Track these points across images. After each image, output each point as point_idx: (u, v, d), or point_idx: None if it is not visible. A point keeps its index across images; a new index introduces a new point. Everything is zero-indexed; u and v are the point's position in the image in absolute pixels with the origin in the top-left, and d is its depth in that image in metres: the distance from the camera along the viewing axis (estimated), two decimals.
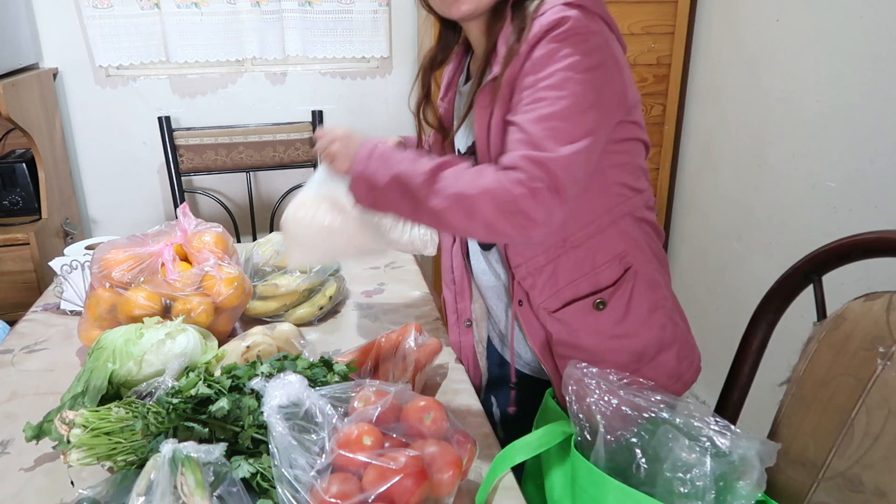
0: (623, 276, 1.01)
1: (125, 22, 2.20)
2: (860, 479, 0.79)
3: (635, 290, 1.02)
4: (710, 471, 0.75)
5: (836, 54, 1.68)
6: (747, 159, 2.06)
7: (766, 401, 1.01)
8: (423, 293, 1.49)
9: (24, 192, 2.08)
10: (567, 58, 0.85)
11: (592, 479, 0.77)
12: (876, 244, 0.85)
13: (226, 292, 1.21)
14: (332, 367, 0.97)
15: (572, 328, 1.02)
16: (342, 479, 0.74)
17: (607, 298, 1.01)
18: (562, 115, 0.84)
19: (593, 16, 0.88)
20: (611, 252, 1.00)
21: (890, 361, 0.78)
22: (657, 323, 1.05)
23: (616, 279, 1.01)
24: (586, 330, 1.02)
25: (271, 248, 1.43)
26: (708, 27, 2.23)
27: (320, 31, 2.32)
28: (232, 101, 2.40)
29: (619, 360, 1.03)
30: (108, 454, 0.84)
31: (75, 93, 2.31)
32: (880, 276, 1.24)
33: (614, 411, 0.82)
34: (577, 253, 0.99)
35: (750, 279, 2.09)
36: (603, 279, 1.01)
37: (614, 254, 1.01)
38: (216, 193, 2.45)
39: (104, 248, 1.21)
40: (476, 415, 1.06)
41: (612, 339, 1.03)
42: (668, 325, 1.07)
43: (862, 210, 1.64)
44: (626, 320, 1.02)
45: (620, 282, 1.01)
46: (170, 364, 0.99)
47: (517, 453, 0.86)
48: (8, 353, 1.25)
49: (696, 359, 1.12)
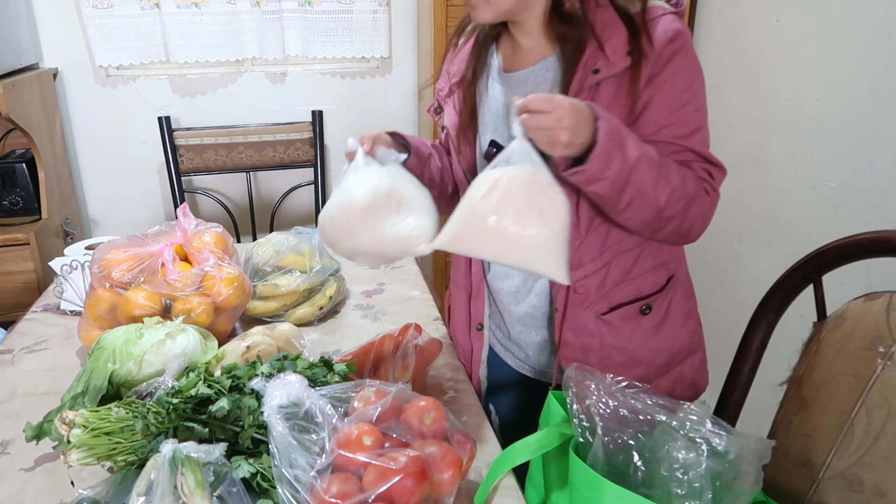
0: (668, 283, 1.04)
1: (125, 22, 2.20)
2: (860, 479, 0.79)
3: (675, 296, 1.06)
4: (706, 471, 0.75)
5: (836, 54, 1.68)
6: (747, 159, 2.06)
7: (766, 401, 1.01)
8: (423, 293, 1.49)
9: (24, 192, 2.08)
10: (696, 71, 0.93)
11: (589, 481, 0.77)
12: (876, 244, 0.85)
13: (226, 292, 1.21)
14: (332, 367, 0.97)
15: (618, 332, 1.03)
16: (342, 479, 0.74)
17: (653, 304, 1.03)
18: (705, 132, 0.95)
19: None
20: (658, 258, 1.03)
21: (890, 361, 0.78)
22: (689, 330, 1.09)
23: (662, 285, 1.04)
24: (630, 334, 1.03)
25: (271, 248, 1.43)
26: (708, 27, 2.22)
27: (320, 31, 2.32)
28: (232, 101, 2.40)
29: (654, 364, 1.06)
30: (108, 454, 0.84)
31: (75, 93, 2.31)
32: (880, 276, 1.23)
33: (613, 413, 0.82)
34: (630, 257, 1.01)
35: (750, 279, 2.09)
36: (647, 285, 1.03)
37: (661, 260, 1.03)
38: (216, 193, 2.45)
39: (104, 248, 1.21)
40: (476, 415, 1.06)
41: (651, 344, 1.05)
42: (697, 331, 1.12)
43: (862, 210, 1.64)
44: (664, 326, 1.05)
45: (666, 288, 1.04)
46: (170, 364, 0.99)
47: (517, 454, 0.86)
48: (8, 353, 1.25)
49: (707, 366, 1.16)
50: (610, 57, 0.89)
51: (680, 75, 0.90)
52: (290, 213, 2.53)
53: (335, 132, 2.48)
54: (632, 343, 1.04)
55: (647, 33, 0.89)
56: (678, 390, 1.09)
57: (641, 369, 1.05)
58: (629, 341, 1.03)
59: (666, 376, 1.08)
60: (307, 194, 2.49)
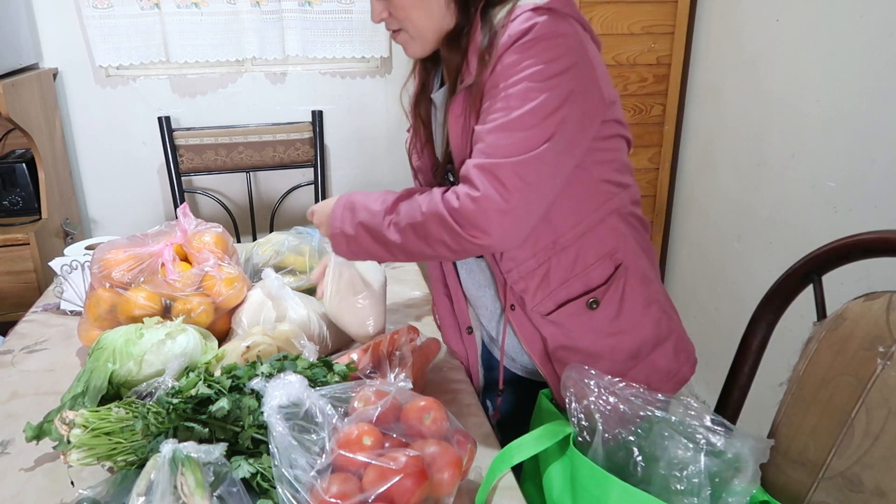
0: (614, 274, 1.02)
1: (125, 22, 2.20)
2: (860, 479, 0.79)
3: (627, 286, 1.02)
4: (704, 468, 0.75)
5: (836, 54, 1.68)
6: (747, 159, 2.06)
7: (766, 401, 1.01)
8: (423, 293, 1.49)
9: (24, 192, 2.08)
10: (531, 66, 0.85)
11: (594, 477, 0.77)
12: (876, 244, 0.85)
13: (226, 292, 1.21)
14: (332, 367, 0.97)
15: (567, 329, 1.02)
16: (342, 479, 0.74)
17: (600, 297, 1.01)
18: (518, 124, 0.85)
19: (564, 17, 0.88)
20: (601, 250, 1.01)
21: (890, 361, 0.78)
22: (652, 318, 1.06)
23: (608, 277, 1.01)
24: (581, 330, 1.02)
25: (271, 248, 1.43)
26: (708, 27, 2.23)
27: (320, 31, 2.32)
28: (232, 101, 2.40)
29: (616, 357, 1.04)
30: (108, 454, 0.84)
31: (75, 93, 2.31)
32: (880, 276, 1.24)
33: (612, 410, 0.82)
34: (569, 253, 0.99)
35: (750, 279, 2.09)
36: (594, 278, 1.01)
37: (605, 251, 1.01)
38: (216, 193, 2.45)
39: (104, 248, 1.21)
40: (476, 415, 1.06)
41: (608, 338, 1.03)
42: (663, 319, 1.07)
43: (862, 210, 1.64)
44: (620, 317, 1.02)
45: (612, 279, 1.01)
46: (170, 364, 0.99)
47: (516, 453, 0.86)
48: (8, 354, 1.25)
49: (692, 351, 1.12)
50: (470, 65, 0.91)
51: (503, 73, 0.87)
52: (290, 213, 2.53)
53: (335, 132, 2.48)
54: (585, 340, 1.02)
55: (497, 38, 0.88)
56: (654, 381, 1.06)
57: (603, 365, 1.03)
58: (582, 338, 1.02)
59: (636, 369, 1.05)
60: (307, 194, 2.49)
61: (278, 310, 1.20)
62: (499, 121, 0.86)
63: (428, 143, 1.09)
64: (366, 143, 2.52)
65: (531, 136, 0.85)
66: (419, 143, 1.10)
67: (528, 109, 0.85)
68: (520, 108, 0.85)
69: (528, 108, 0.85)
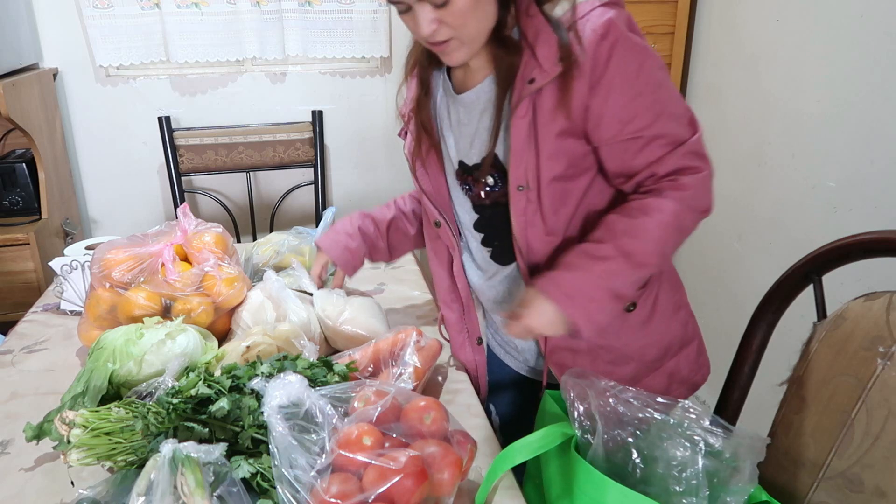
0: (651, 278, 1.03)
1: (125, 22, 2.20)
2: (860, 479, 0.79)
3: (661, 290, 1.05)
4: (702, 468, 0.75)
5: (836, 54, 1.68)
6: (747, 159, 2.06)
7: (766, 401, 1.01)
8: (423, 293, 1.49)
9: (24, 192, 2.08)
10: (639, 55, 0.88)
11: (592, 480, 0.77)
12: (876, 244, 0.85)
13: (226, 292, 1.21)
14: (332, 367, 0.97)
15: (603, 330, 1.01)
16: (342, 479, 0.74)
17: (637, 300, 1.02)
18: (671, 106, 0.90)
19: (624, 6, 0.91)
20: None
21: (890, 361, 0.78)
22: (680, 321, 1.09)
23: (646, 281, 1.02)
24: (615, 331, 1.03)
25: (271, 248, 1.43)
26: (708, 27, 2.22)
27: (320, 31, 2.32)
28: (232, 101, 2.40)
29: (645, 359, 1.05)
30: (108, 454, 0.84)
31: (75, 93, 2.31)
32: (880, 276, 1.23)
33: (612, 412, 0.82)
34: None
35: (750, 279, 2.09)
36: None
37: None
38: (216, 193, 2.45)
39: (104, 248, 1.21)
40: (476, 415, 1.06)
41: (640, 339, 1.04)
42: (690, 322, 1.11)
43: (862, 210, 1.64)
44: (652, 320, 1.04)
45: (649, 283, 1.03)
46: (170, 364, 0.99)
47: (517, 454, 0.86)
48: (8, 354, 1.25)
49: (706, 357, 1.15)
50: (543, 65, 0.88)
51: (624, 68, 0.87)
52: (290, 213, 2.53)
53: (335, 132, 2.48)
54: (619, 341, 1.03)
55: (576, 35, 0.87)
56: (675, 384, 1.08)
57: (632, 366, 1.05)
58: (616, 339, 1.03)
59: (659, 371, 1.07)
60: (307, 194, 2.49)
61: (278, 310, 1.20)
62: (659, 111, 0.90)
63: (433, 147, 1.07)
64: (366, 143, 2.52)
65: (682, 107, 0.92)
66: (423, 148, 1.07)
67: (666, 90, 0.91)
68: (662, 93, 0.90)
69: (665, 90, 0.91)
